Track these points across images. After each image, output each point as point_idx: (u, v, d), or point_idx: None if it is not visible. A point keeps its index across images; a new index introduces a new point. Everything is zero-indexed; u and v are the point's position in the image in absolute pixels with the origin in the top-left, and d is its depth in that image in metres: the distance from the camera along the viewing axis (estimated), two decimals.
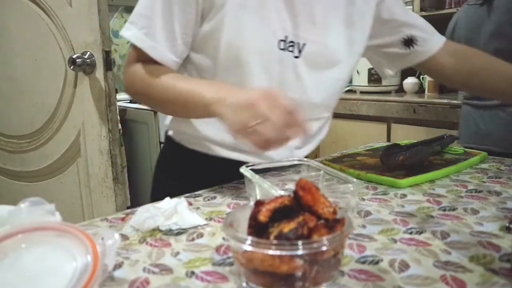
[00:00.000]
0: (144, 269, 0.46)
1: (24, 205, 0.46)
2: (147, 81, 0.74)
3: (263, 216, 0.42)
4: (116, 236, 0.44)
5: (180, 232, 0.56)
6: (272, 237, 0.40)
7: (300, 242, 0.38)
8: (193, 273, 0.45)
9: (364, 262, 0.47)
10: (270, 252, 0.38)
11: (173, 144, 0.89)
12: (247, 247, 0.40)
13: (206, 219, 0.60)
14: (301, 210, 0.43)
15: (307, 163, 0.73)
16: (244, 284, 0.42)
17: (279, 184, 0.76)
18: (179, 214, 0.57)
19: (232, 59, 0.75)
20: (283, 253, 0.38)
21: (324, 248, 0.39)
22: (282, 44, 0.76)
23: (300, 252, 0.38)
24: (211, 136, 0.82)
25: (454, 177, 0.79)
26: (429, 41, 0.93)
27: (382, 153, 0.84)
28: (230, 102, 0.62)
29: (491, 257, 0.47)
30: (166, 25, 0.73)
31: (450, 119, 2.02)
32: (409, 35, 0.92)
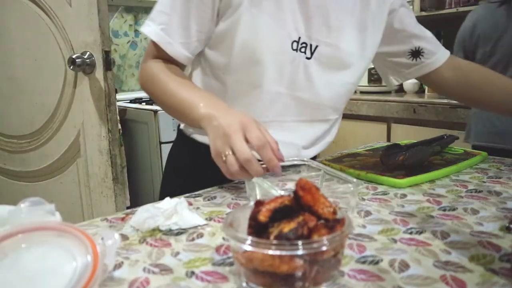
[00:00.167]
0: (144, 269, 0.46)
1: (24, 205, 0.46)
2: (155, 83, 0.78)
3: (263, 216, 0.42)
4: (116, 236, 0.44)
5: (180, 232, 0.56)
6: (272, 237, 0.40)
7: (300, 242, 0.38)
8: (193, 273, 0.45)
9: (364, 262, 0.47)
10: (270, 252, 0.38)
11: (184, 137, 0.91)
12: (247, 247, 0.40)
13: (206, 219, 0.60)
14: (301, 210, 0.43)
15: (307, 163, 0.73)
16: (244, 284, 0.42)
17: (279, 184, 0.76)
18: (179, 214, 0.57)
19: (246, 58, 0.77)
20: (283, 253, 0.38)
21: (324, 248, 0.39)
22: (295, 45, 0.78)
23: (300, 252, 0.38)
24: None
25: (454, 177, 0.79)
26: (435, 55, 0.94)
27: (382, 153, 0.84)
28: (216, 124, 0.64)
29: (491, 257, 0.47)
30: (183, 23, 0.76)
31: (450, 119, 2.02)
32: (417, 47, 0.94)
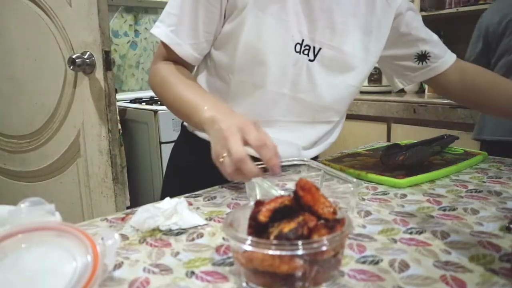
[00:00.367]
0: (144, 269, 0.46)
1: (24, 205, 0.46)
2: (163, 85, 0.80)
3: (263, 216, 0.42)
4: (116, 236, 0.44)
5: (180, 232, 0.56)
6: (272, 237, 0.40)
7: (300, 242, 0.38)
8: (193, 273, 0.45)
9: (364, 262, 0.47)
10: (270, 252, 0.38)
11: (187, 134, 0.92)
12: (247, 247, 0.40)
13: (206, 219, 0.60)
14: (301, 210, 0.43)
15: (307, 163, 0.73)
16: (244, 284, 0.42)
17: (279, 184, 0.76)
18: (179, 214, 0.57)
19: (249, 59, 0.78)
20: (283, 253, 0.38)
21: (324, 248, 0.39)
22: (298, 47, 0.79)
23: (300, 252, 0.38)
24: None
25: (454, 177, 0.79)
26: (442, 58, 0.94)
27: (382, 153, 0.84)
28: (217, 128, 0.65)
29: (491, 257, 0.47)
30: (192, 24, 0.78)
31: (450, 119, 2.02)
32: (424, 51, 0.93)
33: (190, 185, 0.76)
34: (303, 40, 0.79)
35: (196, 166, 0.89)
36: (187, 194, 0.72)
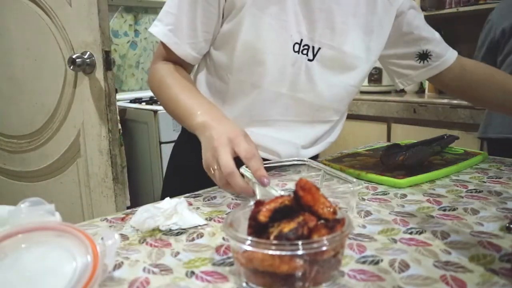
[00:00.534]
0: (144, 269, 0.46)
1: (24, 205, 0.46)
2: (161, 86, 0.80)
3: (263, 216, 0.42)
4: (116, 236, 0.44)
5: (180, 232, 0.56)
6: (272, 237, 0.40)
7: (300, 242, 0.38)
8: (193, 273, 0.45)
9: (364, 262, 0.47)
10: (270, 252, 0.38)
11: (188, 133, 0.92)
12: (247, 247, 0.40)
13: (206, 219, 0.60)
14: (301, 210, 0.43)
15: (307, 163, 0.73)
16: (244, 284, 0.42)
17: (279, 184, 0.76)
18: (179, 214, 0.57)
19: (248, 59, 0.78)
20: (283, 253, 0.38)
21: (324, 248, 0.39)
22: (297, 47, 0.79)
23: (300, 252, 0.38)
24: None
25: (454, 177, 0.79)
26: (443, 57, 0.94)
27: (382, 153, 0.84)
28: (208, 135, 0.65)
29: (491, 257, 0.47)
30: (190, 24, 0.78)
31: (450, 119, 2.02)
32: (425, 50, 0.92)
33: (191, 185, 0.76)
34: (302, 40, 0.79)
35: (197, 166, 0.89)
36: (187, 194, 0.72)
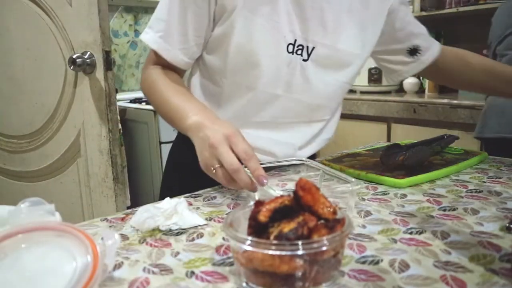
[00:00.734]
0: (144, 269, 0.46)
1: (24, 205, 0.46)
2: (153, 90, 0.80)
3: (263, 216, 0.42)
4: (116, 236, 0.44)
5: (180, 232, 0.56)
6: (272, 237, 0.40)
7: (300, 242, 0.38)
8: (193, 273, 0.45)
9: (364, 262, 0.47)
10: (270, 252, 0.38)
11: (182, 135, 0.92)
12: (247, 247, 0.40)
13: (206, 219, 0.60)
14: (301, 210, 0.43)
15: (306, 163, 0.73)
16: (244, 284, 0.42)
17: (279, 184, 0.76)
18: (179, 214, 0.57)
19: (242, 61, 0.78)
20: (283, 253, 0.38)
21: (324, 248, 0.39)
22: (291, 48, 0.78)
23: (300, 252, 0.38)
24: None
25: (454, 177, 0.79)
26: (430, 50, 0.96)
27: (382, 153, 0.84)
28: (202, 135, 0.64)
29: (491, 257, 0.47)
30: (181, 29, 0.77)
31: (450, 119, 2.02)
32: (415, 45, 0.95)
33: (189, 182, 0.76)
34: (296, 40, 0.78)
35: (195, 163, 0.89)
36: (187, 194, 0.72)
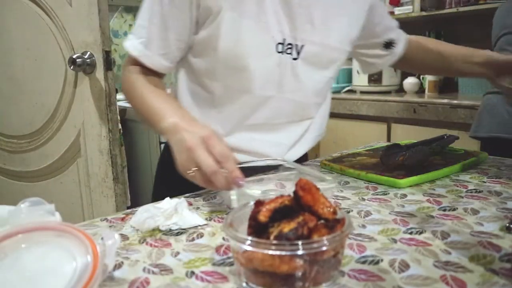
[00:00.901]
0: (144, 269, 0.46)
1: (24, 205, 0.46)
2: (131, 90, 0.79)
3: (263, 216, 0.42)
4: (116, 236, 0.44)
5: (180, 232, 0.56)
6: (272, 237, 0.40)
7: (300, 242, 0.38)
8: (193, 273, 0.45)
9: (364, 262, 0.47)
10: (270, 252, 0.38)
11: None
12: (247, 247, 0.40)
13: (206, 219, 0.60)
14: (301, 210, 0.43)
15: (283, 163, 0.72)
16: (244, 284, 0.42)
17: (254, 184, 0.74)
18: (179, 214, 0.58)
19: (231, 64, 0.77)
20: (283, 253, 0.38)
21: (324, 248, 0.39)
22: (280, 47, 0.77)
23: (300, 252, 0.38)
24: None
25: (454, 177, 0.79)
26: (400, 41, 0.99)
27: (382, 153, 0.84)
28: (179, 137, 0.63)
29: (491, 257, 0.47)
30: (161, 35, 0.77)
31: (450, 119, 2.02)
32: (390, 38, 0.97)
33: (181, 183, 0.74)
34: (285, 40, 0.77)
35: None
36: (187, 194, 0.72)
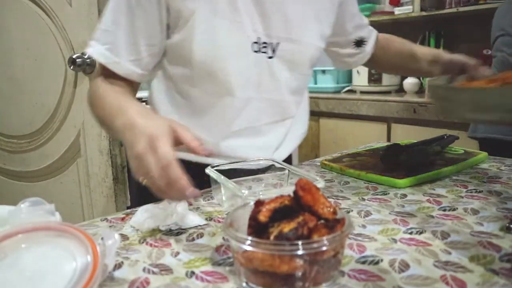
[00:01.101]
0: (144, 269, 0.46)
1: (24, 205, 0.46)
2: (94, 101, 0.73)
3: (263, 216, 0.42)
4: (116, 236, 0.44)
5: (180, 232, 0.56)
6: (272, 237, 0.40)
7: (300, 242, 0.38)
8: (193, 273, 0.45)
9: (364, 262, 0.47)
10: (270, 252, 0.38)
11: None
12: (247, 247, 0.40)
13: (206, 219, 0.60)
14: (301, 210, 0.43)
15: (273, 164, 0.73)
16: (244, 284, 0.42)
17: (244, 184, 0.73)
18: (179, 214, 0.57)
19: (207, 67, 0.74)
20: (283, 253, 0.38)
21: (324, 248, 0.39)
22: (256, 46, 0.76)
23: (300, 252, 0.38)
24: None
25: (454, 177, 0.79)
26: (371, 39, 1.00)
27: (382, 153, 0.84)
28: (127, 140, 0.57)
29: (491, 257, 0.47)
30: (129, 39, 0.72)
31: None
32: (361, 36, 0.98)
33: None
34: (259, 38, 0.76)
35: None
36: None
